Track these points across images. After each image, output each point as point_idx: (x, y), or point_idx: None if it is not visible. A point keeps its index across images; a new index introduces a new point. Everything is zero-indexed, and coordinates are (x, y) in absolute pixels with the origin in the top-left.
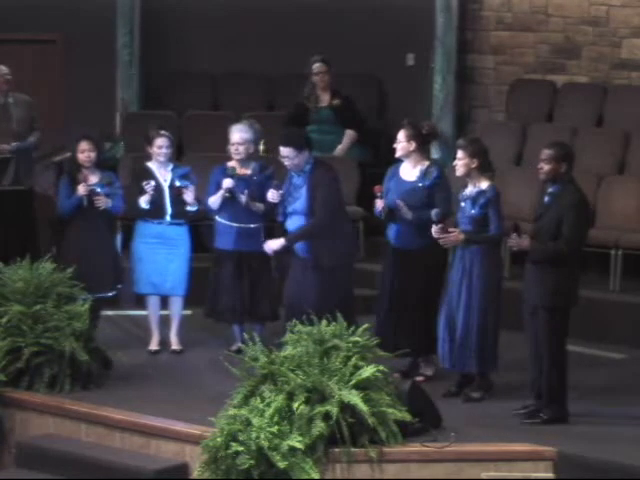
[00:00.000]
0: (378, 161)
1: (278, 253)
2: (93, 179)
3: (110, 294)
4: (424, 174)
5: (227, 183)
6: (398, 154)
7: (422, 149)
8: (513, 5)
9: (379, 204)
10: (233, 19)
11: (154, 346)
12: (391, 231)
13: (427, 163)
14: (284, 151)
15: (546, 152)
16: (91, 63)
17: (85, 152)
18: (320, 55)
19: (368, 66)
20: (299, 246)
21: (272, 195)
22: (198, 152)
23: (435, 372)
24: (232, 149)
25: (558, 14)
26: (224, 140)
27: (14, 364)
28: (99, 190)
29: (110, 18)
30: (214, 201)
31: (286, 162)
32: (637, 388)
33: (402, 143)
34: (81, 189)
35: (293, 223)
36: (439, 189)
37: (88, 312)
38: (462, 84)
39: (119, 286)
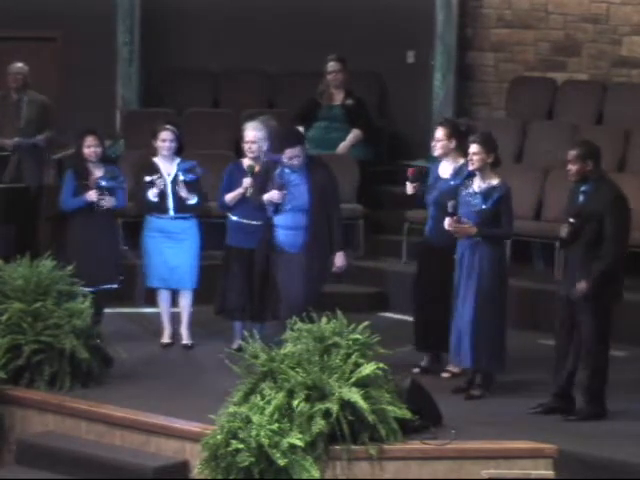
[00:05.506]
0: (379, 159)
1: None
2: (98, 173)
3: (115, 286)
4: (457, 172)
5: (247, 182)
6: (437, 152)
7: (460, 147)
8: (513, 2)
9: (409, 188)
10: (233, 17)
11: (166, 339)
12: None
13: (462, 161)
14: (295, 151)
15: (571, 153)
16: (91, 61)
17: (92, 147)
18: (335, 54)
19: (368, 63)
20: (287, 241)
21: (278, 196)
22: (198, 149)
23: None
24: (245, 147)
25: (558, 11)
26: (224, 138)
27: (14, 361)
28: (104, 184)
29: (110, 16)
30: (232, 199)
31: (295, 161)
32: (638, 386)
33: (442, 141)
34: (92, 195)
35: (290, 219)
36: None
37: (90, 309)
38: (462, 81)
39: (121, 277)
